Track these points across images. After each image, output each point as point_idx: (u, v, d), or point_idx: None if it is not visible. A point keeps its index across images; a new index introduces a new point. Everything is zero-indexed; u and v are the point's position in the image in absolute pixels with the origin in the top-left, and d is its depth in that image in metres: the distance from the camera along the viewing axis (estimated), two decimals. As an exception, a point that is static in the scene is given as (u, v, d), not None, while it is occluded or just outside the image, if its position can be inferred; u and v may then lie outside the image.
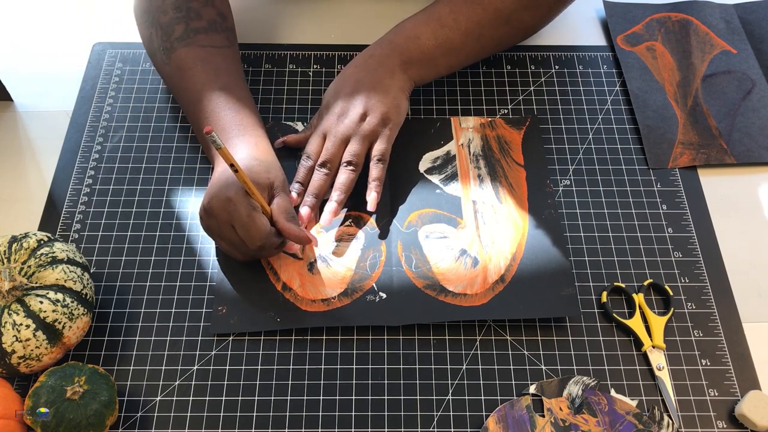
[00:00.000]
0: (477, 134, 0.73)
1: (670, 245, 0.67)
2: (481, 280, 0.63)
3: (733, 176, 0.72)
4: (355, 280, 0.63)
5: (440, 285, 0.63)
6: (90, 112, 0.75)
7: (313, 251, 0.65)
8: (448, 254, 0.65)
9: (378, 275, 0.63)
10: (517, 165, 0.71)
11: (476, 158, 0.71)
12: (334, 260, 0.65)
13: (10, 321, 0.53)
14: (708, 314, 0.63)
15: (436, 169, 0.70)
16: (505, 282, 0.63)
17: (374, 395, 0.59)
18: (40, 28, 0.84)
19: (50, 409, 0.52)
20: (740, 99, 0.76)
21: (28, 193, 0.70)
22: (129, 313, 0.63)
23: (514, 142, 0.72)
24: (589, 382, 0.59)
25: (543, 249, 0.65)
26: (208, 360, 0.60)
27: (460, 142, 0.72)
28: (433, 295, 0.62)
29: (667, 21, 0.82)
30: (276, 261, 0.64)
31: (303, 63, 0.79)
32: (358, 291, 0.63)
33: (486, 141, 0.72)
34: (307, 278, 0.63)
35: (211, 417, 0.58)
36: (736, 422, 0.58)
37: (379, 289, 0.63)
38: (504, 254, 0.65)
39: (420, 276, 0.64)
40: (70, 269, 0.57)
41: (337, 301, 0.62)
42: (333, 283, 0.63)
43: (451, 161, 0.71)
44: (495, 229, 0.66)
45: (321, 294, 0.63)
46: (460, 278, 0.63)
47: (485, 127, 0.74)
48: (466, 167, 0.71)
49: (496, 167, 0.71)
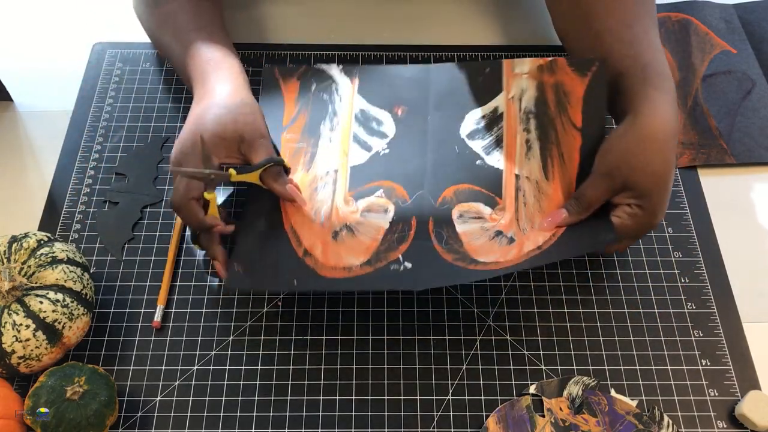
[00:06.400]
0: (533, 82, 0.63)
1: (670, 245, 0.67)
2: (516, 250, 0.58)
3: (733, 176, 0.72)
4: (381, 250, 0.59)
5: (470, 257, 0.58)
6: (90, 112, 0.75)
7: (339, 219, 0.61)
8: (483, 234, 0.59)
9: (405, 248, 0.59)
10: (572, 128, 0.61)
11: (527, 117, 0.62)
12: (361, 230, 0.60)
13: (10, 321, 0.53)
14: (708, 314, 0.63)
15: (479, 133, 0.63)
16: (541, 249, 0.58)
17: (374, 395, 0.59)
18: (40, 28, 0.84)
19: (50, 409, 0.52)
20: (740, 99, 0.76)
21: (28, 193, 0.70)
22: (129, 313, 0.63)
23: (575, 93, 0.62)
24: (589, 382, 0.59)
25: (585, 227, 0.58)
26: (208, 360, 0.60)
27: (510, 95, 0.63)
28: (463, 265, 0.57)
29: (667, 21, 0.82)
30: (301, 226, 0.61)
31: (303, 63, 0.79)
32: (382, 260, 0.58)
33: (542, 92, 0.63)
34: (331, 246, 0.60)
35: (211, 417, 0.58)
36: (736, 422, 0.58)
37: (404, 260, 0.58)
38: (543, 235, 0.59)
39: (449, 251, 0.58)
40: (70, 269, 0.57)
41: (359, 269, 0.58)
42: (357, 251, 0.59)
43: (497, 122, 0.63)
44: (535, 213, 0.60)
45: (343, 261, 0.59)
46: (494, 251, 0.58)
47: (543, 71, 0.63)
48: (514, 130, 0.62)
49: (548, 130, 0.62)
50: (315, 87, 0.68)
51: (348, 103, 0.66)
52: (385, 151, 0.64)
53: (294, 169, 0.64)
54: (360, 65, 0.67)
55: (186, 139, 0.59)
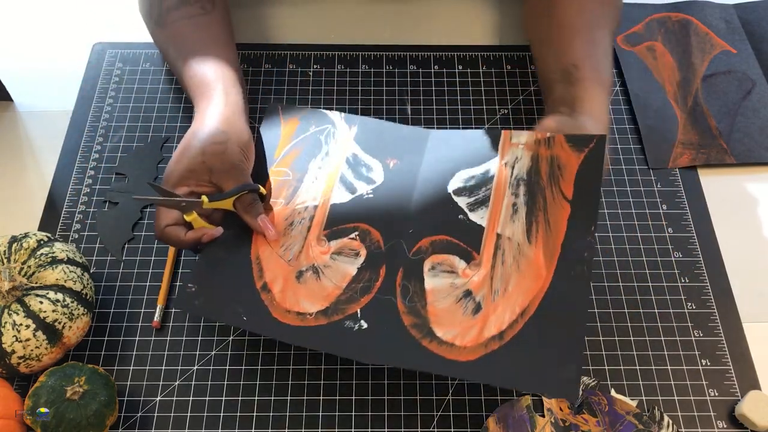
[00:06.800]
0: (528, 152, 0.62)
1: (670, 245, 0.67)
2: (477, 332, 0.55)
3: (733, 176, 0.72)
4: (341, 301, 0.57)
5: (429, 327, 0.55)
6: (90, 112, 0.75)
7: (308, 259, 0.60)
8: (450, 293, 0.57)
9: (366, 301, 0.57)
10: (563, 199, 0.59)
11: (517, 182, 0.61)
12: (327, 273, 0.59)
13: (10, 321, 0.53)
14: (708, 314, 0.63)
15: (467, 191, 0.62)
16: (502, 340, 0.54)
17: (374, 395, 0.59)
18: (40, 28, 0.84)
19: (50, 409, 0.52)
20: (740, 99, 0.76)
21: (28, 193, 0.70)
22: (129, 313, 0.63)
23: (569, 168, 0.61)
24: (589, 382, 0.59)
25: (558, 311, 0.55)
26: (208, 360, 0.60)
27: (504, 161, 0.62)
28: (417, 337, 0.55)
29: (667, 21, 0.82)
30: (267, 258, 0.59)
31: (303, 63, 0.79)
32: (338, 313, 0.56)
33: (536, 162, 0.62)
34: (291, 285, 0.58)
35: (211, 417, 0.58)
36: (736, 422, 0.58)
37: (360, 317, 0.56)
38: (512, 307, 0.56)
39: (410, 312, 0.56)
40: (70, 269, 0.57)
41: (312, 319, 0.56)
42: (316, 297, 0.57)
43: (487, 183, 0.62)
44: (512, 273, 0.57)
45: (298, 306, 0.57)
46: (454, 324, 0.55)
47: (540, 144, 0.62)
48: (502, 192, 0.61)
49: (538, 197, 0.60)
50: (313, 128, 0.68)
51: (342, 146, 0.66)
52: (369, 195, 0.62)
53: (275, 198, 0.63)
54: (360, 116, 0.67)
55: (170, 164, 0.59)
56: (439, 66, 0.79)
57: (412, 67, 0.79)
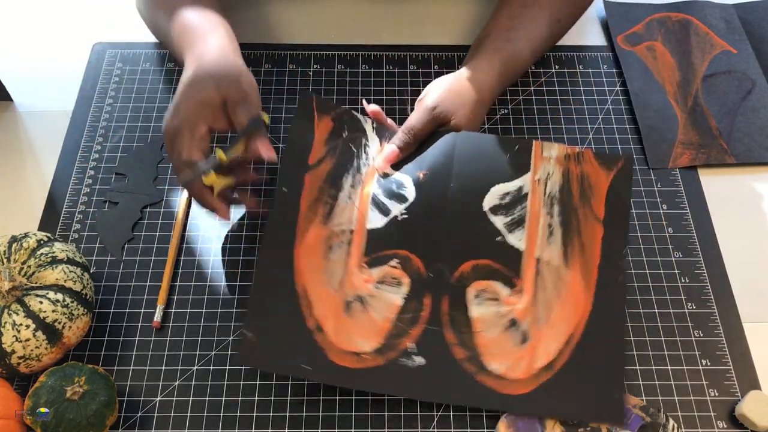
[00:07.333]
0: (559, 168, 0.62)
1: (670, 245, 0.67)
2: (527, 363, 0.56)
3: (733, 176, 0.72)
4: (392, 335, 0.58)
5: (480, 360, 0.57)
6: (90, 112, 0.75)
7: (353, 288, 0.59)
8: (497, 322, 0.58)
9: (417, 334, 0.57)
10: (594, 219, 0.60)
11: (551, 201, 0.61)
12: (374, 304, 0.59)
13: (10, 321, 0.53)
14: (708, 314, 0.63)
15: (503, 209, 0.60)
16: (552, 370, 0.56)
17: (374, 395, 0.59)
18: (40, 28, 0.84)
19: (50, 409, 0.52)
20: (740, 99, 0.76)
21: (28, 193, 0.70)
22: (129, 313, 0.63)
23: (599, 187, 0.61)
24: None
25: (601, 336, 0.56)
26: (208, 360, 0.60)
27: (537, 176, 0.62)
28: (471, 371, 0.56)
29: (667, 21, 0.82)
30: (313, 287, 0.58)
31: (303, 63, 0.79)
32: (393, 350, 0.57)
33: (567, 179, 0.62)
34: (342, 320, 0.58)
35: (211, 417, 0.58)
36: (736, 422, 0.58)
37: (414, 352, 0.57)
38: (558, 334, 0.57)
39: (461, 344, 0.57)
40: (70, 269, 0.57)
41: (370, 359, 0.56)
42: (368, 332, 0.58)
43: (522, 201, 0.61)
44: (554, 299, 0.58)
45: (354, 345, 0.57)
46: (505, 355, 0.57)
47: (570, 159, 0.63)
48: (537, 211, 0.61)
49: (571, 218, 0.60)
50: (347, 134, 0.66)
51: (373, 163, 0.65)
52: (404, 216, 0.61)
53: (314, 216, 0.62)
54: (389, 130, 0.67)
55: (175, 109, 0.58)
56: (439, 66, 0.79)
57: (412, 67, 0.79)
